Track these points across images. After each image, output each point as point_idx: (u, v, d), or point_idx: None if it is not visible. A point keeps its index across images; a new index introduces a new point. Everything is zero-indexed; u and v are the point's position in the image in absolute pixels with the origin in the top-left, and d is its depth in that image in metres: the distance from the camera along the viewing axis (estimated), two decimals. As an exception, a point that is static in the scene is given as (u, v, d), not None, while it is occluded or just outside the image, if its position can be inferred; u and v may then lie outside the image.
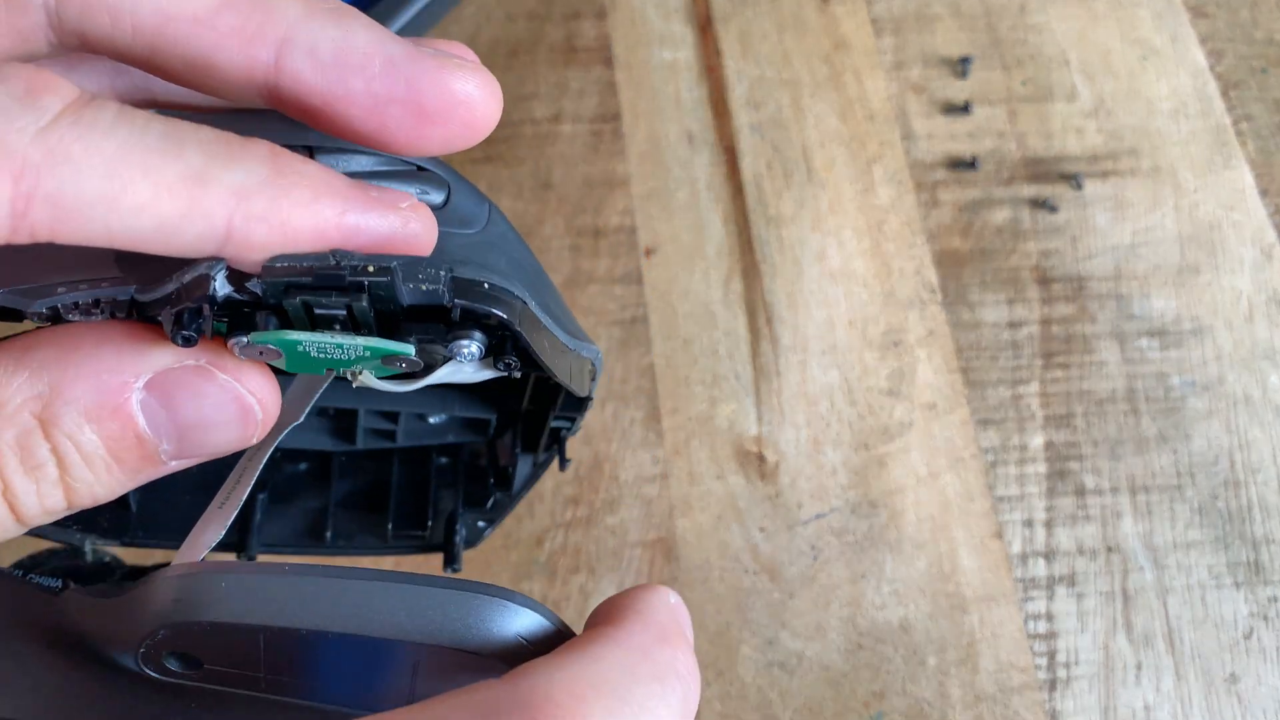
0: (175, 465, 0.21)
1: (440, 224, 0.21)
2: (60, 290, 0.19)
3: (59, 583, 0.23)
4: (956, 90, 0.50)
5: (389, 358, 0.20)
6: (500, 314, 0.20)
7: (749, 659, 0.39)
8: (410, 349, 0.20)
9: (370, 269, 0.19)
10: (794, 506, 0.41)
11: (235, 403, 0.21)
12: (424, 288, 0.19)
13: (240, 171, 0.18)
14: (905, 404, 0.43)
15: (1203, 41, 0.51)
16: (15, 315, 0.20)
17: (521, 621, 0.20)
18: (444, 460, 0.29)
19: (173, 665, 0.21)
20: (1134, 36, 0.51)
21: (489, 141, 0.47)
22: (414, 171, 0.22)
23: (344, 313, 0.20)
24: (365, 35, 0.20)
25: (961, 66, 0.50)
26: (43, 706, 0.22)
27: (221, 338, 0.20)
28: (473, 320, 0.20)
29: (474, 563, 0.39)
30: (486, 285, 0.20)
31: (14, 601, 0.22)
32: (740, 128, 0.48)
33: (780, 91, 0.49)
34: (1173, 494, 0.42)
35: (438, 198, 0.22)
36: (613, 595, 0.21)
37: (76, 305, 0.20)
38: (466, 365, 0.21)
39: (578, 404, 0.25)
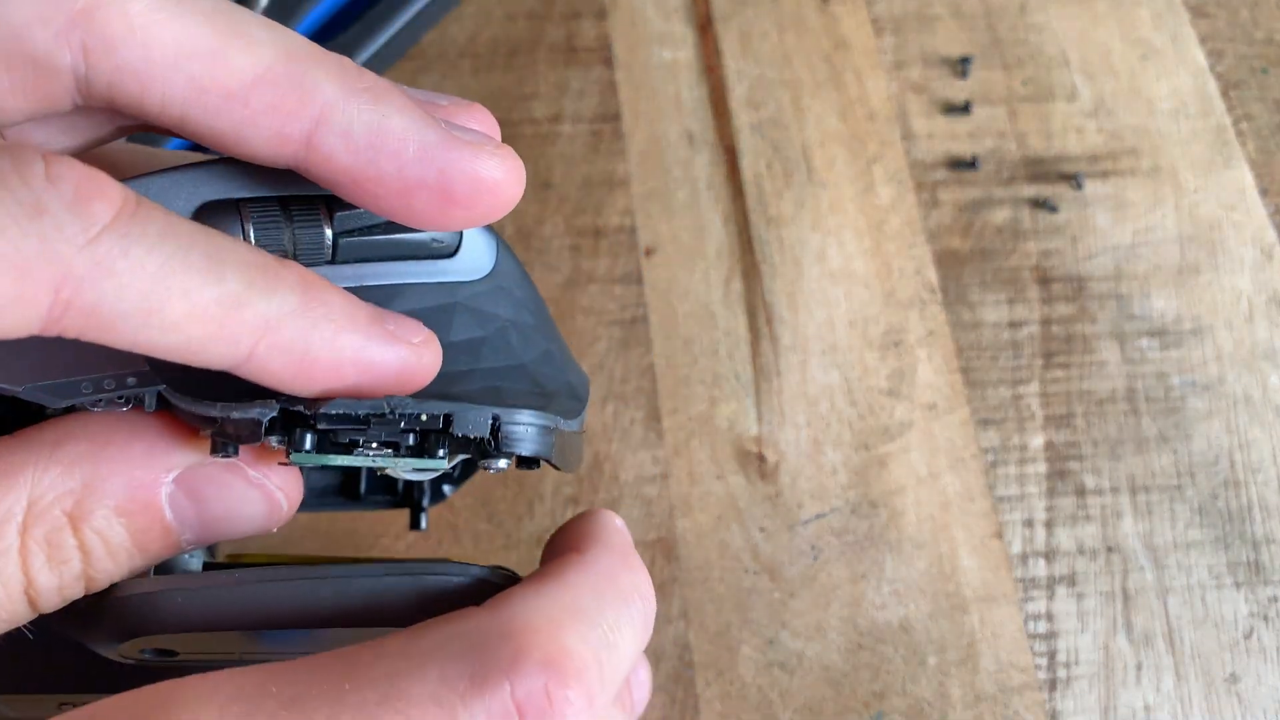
0: (191, 547, 0.21)
1: (453, 273, 0.22)
2: (86, 388, 0.20)
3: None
4: (957, 90, 0.50)
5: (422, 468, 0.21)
6: (541, 456, 0.21)
7: (749, 659, 0.39)
8: (444, 464, 0.21)
9: (423, 418, 0.20)
10: (794, 506, 0.41)
11: (264, 499, 0.21)
12: (472, 436, 0.20)
13: (274, 302, 0.18)
14: (905, 404, 0.43)
15: (1203, 41, 0.51)
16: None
17: (462, 588, 0.21)
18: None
19: (149, 656, 0.22)
20: (1134, 36, 0.51)
21: (489, 141, 0.47)
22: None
23: (388, 445, 0.21)
24: (400, 120, 0.20)
25: (962, 66, 0.50)
26: (14, 681, 0.22)
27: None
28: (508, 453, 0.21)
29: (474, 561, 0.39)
30: (526, 429, 0.21)
31: None
32: (740, 128, 0.48)
33: (780, 91, 0.49)
34: (1173, 494, 0.42)
35: (451, 241, 0.23)
36: (566, 523, 0.22)
37: (99, 401, 0.20)
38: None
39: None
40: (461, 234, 0.23)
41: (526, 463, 0.22)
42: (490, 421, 0.21)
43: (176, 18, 0.18)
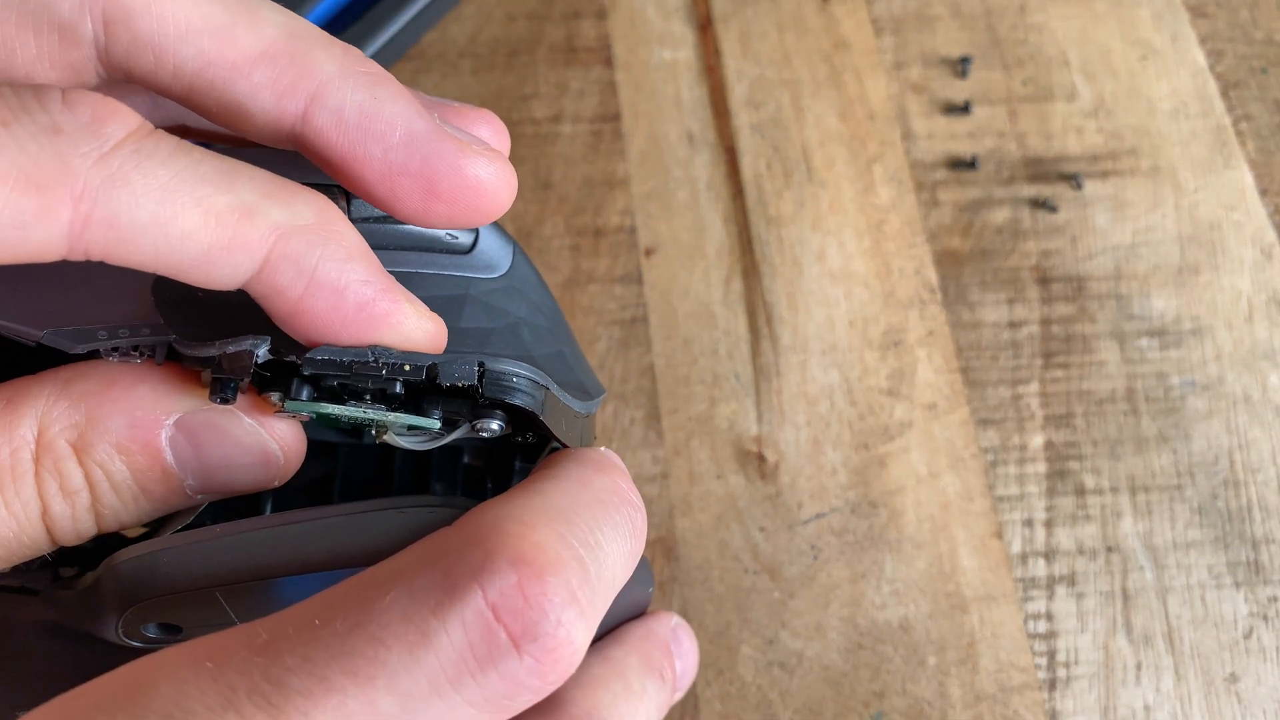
0: (201, 500, 0.22)
1: (467, 269, 0.23)
2: (102, 335, 0.21)
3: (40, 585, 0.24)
4: (956, 90, 0.50)
5: (417, 429, 0.22)
6: (528, 408, 0.21)
7: (749, 658, 0.39)
8: (436, 424, 0.21)
9: (406, 368, 0.20)
10: (794, 506, 0.41)
11: (259, 448, 0.21)
12: (459, 384, 0.21)
13: (288, 212, 0.19)
14: (905, 404, 0.43)
15: (1202, 41, 0.51)
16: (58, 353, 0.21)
17: (445, 518, 0.21)
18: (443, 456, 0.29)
19: (154, 633, 0.22)
20: (1134, 36, 0.51)
21: (489, 141, 0.47)
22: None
23: (376, 394, 0.21)
24: (391, 106, 0.20)
25: (961, 66, 0.50)
26: (43, 689, 0.22)
27: (254, 387, 0.21)
28: (499, 404, 0.21)
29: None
30: (514, 379, 0.21)
31: None
32: (740, 127, 0.48)
33: (780, 91, 0.49)
34: (1172, 494, 0.42)
35: (466, 240, 0.23)
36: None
37: (116, 350, 0.21)
38: (482, 432, 0.22)
39: None
40: (477, 233, 0.23)
41: (522, 428, 0.22)
42: (477, 369, 0.21)
43: (194, 3, 0.20)
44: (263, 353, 0.20)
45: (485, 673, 0.17)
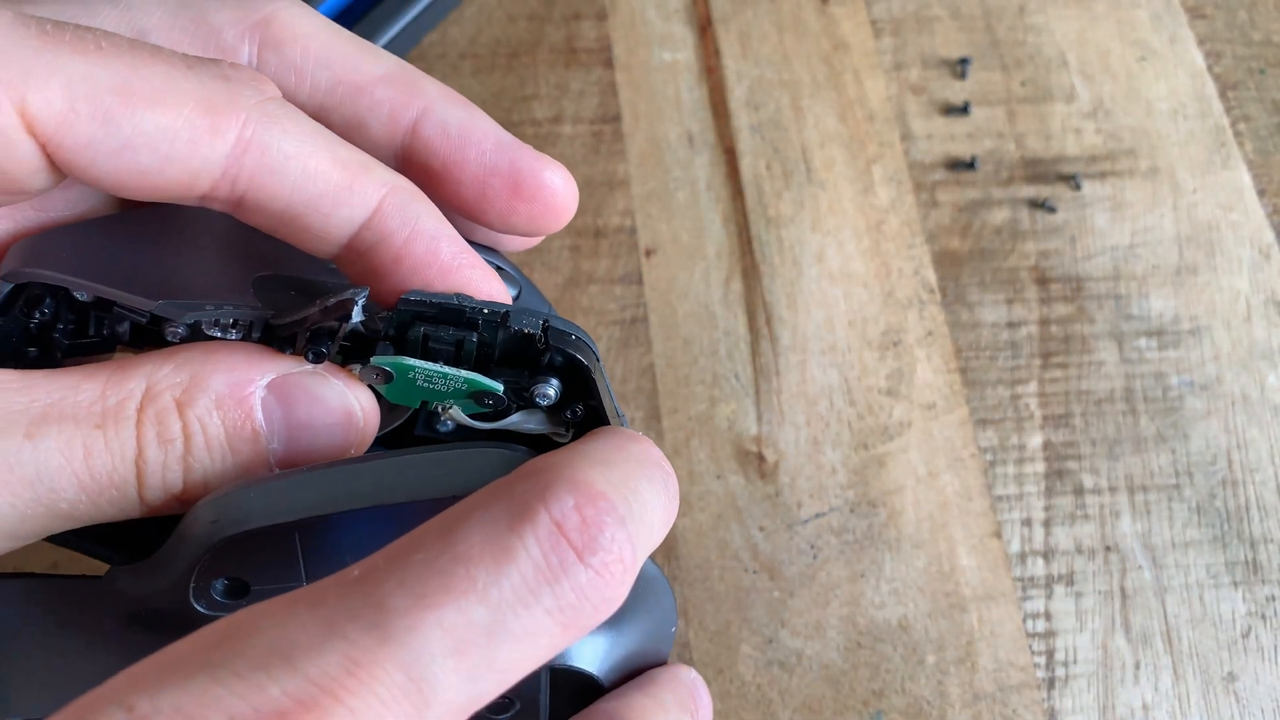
0: (278, 463, 0.24)
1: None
2: (208, 309, 0.24)
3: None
4: (955, 91, 0.50)
5: (479, 394, 0.24)
6: (584, 361, 0.24)
7: (749, 658, 0.39)
8: (500, 386, 0.24)
9: (485, 311, 0.24)
10: (793, 506, 0.41)
11: (343, 408, 0.24)
12: (526, 330, 0.24)
13: (393, 172, 0.24)
14: (904, 404, 0.43)
15: (1201, 42, 0.51)
16: (154, 335, 0.24)
17: (512, 457, 0.23)
18: None
19: (221, 597, 0.23)
20: (1133, 37, 0.51)
21: (490, 142, 0.47)
22: (495, 269, 0.26)
23: (452, 349, 0.24)
24: (484, 122, 0.26)
25: (960, 67, 0.50)
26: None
27: (336, 364, 0.24)
28: (554, 370, 0.25)
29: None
30: (573, 335, 0.24)
31: (56, 602, 0.25)
32: (740, 128, 0.48)
33: (780, 92, 0.49)
34: (1171, 493, 0.42)
35: (511, 291, 0.26)
36: None
37: (217, 322, 0.24)
38: (531, 421, 0.25)
39: None
40: (521, 286, 0.27)
41: (571, 398, 0.25)
42: (541, 321, 0.24)
43: (326, 33, 0.26)
44: (362, 301, 0.23)
45: (558, 582, 0.20)
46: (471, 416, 0.25)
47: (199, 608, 0.23)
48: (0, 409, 0.22)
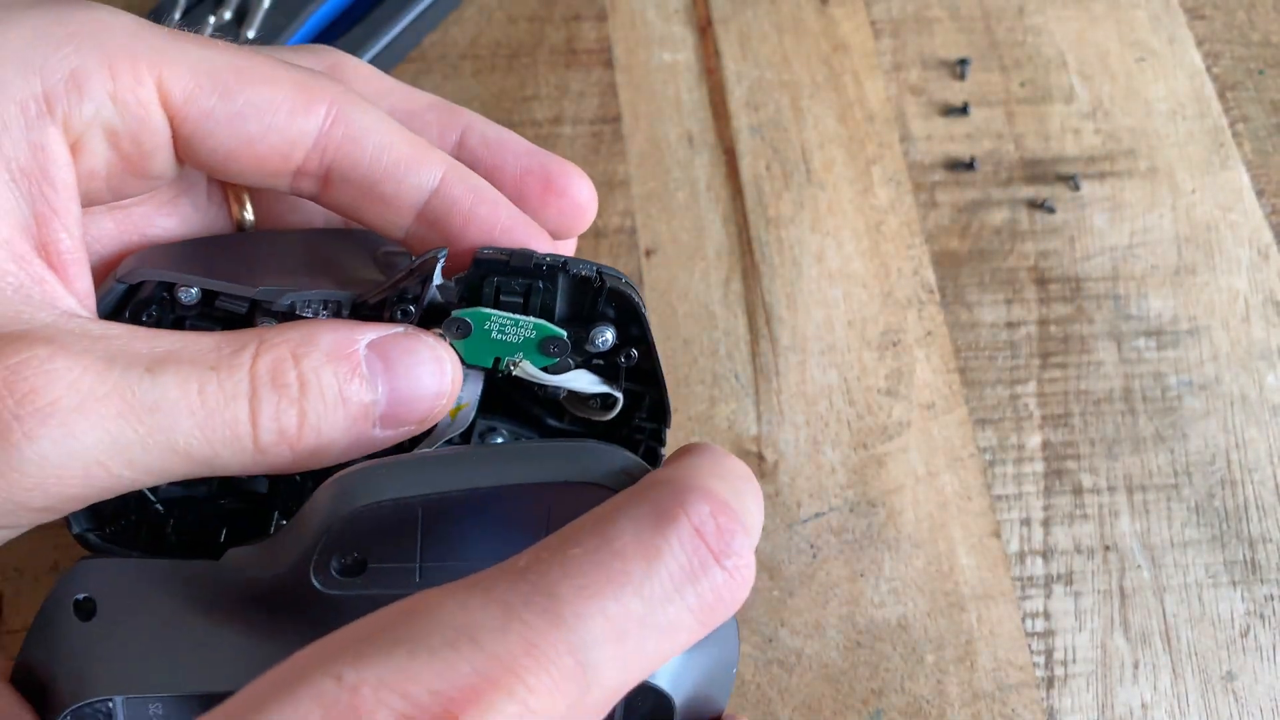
0: (379, 434, 0.26)
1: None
2: (303, 293, 0.27)
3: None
4: (955, 92, 0.50)
5: (545, 342, 0.28)
6: (635, 298, 0.28)
7: (748, 657, 0.39)
8: (564, 333, 0.28)
9: (549, 258, 0.27)
10: (793, 505, 0.41)
11: (434, 359, 0.27)
12: (583, 274, 0.28)
13: (448, 155, 0.29)
14: (904, 404, 0.43)
15: (1200, 43, 0.51)
16: (246, 319, 0.28)
17: (621, 457, 0.25)
18: None
19: (338, 574, 0.25)
20: (1132, 38, 0.51)
21: (490, 143, 0.47)
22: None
23: (522, 298, 0.28)
24: (518, 137, 0.31)
25: (960, 68, 0.50)
26: (237, 668, 0.25)
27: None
28: (607, 319, 0.28)
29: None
30: (624, 279, 0.28)
31: (175, 582, 0.26)
32: (740, 129, 0.49)
33: (779, 93, 0.49)
34: (1170, 493, 0.42)
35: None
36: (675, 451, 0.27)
37: (310, 303, 0.27)
38: (586, 380, 0.29)
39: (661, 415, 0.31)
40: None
41: (626, 343, 0.28)
42: (596, 267, 0.28)
43: (380, 75, 0.31)
44: (443, 260, 0.27)
45: (700, 581, 0.22)
46: (543, 369, 0.28)
47: (317, 584, 0.25)
48: (125, 349, 0.24)
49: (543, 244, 0.28)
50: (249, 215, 0.31)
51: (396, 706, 0.18)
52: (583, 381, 0.29)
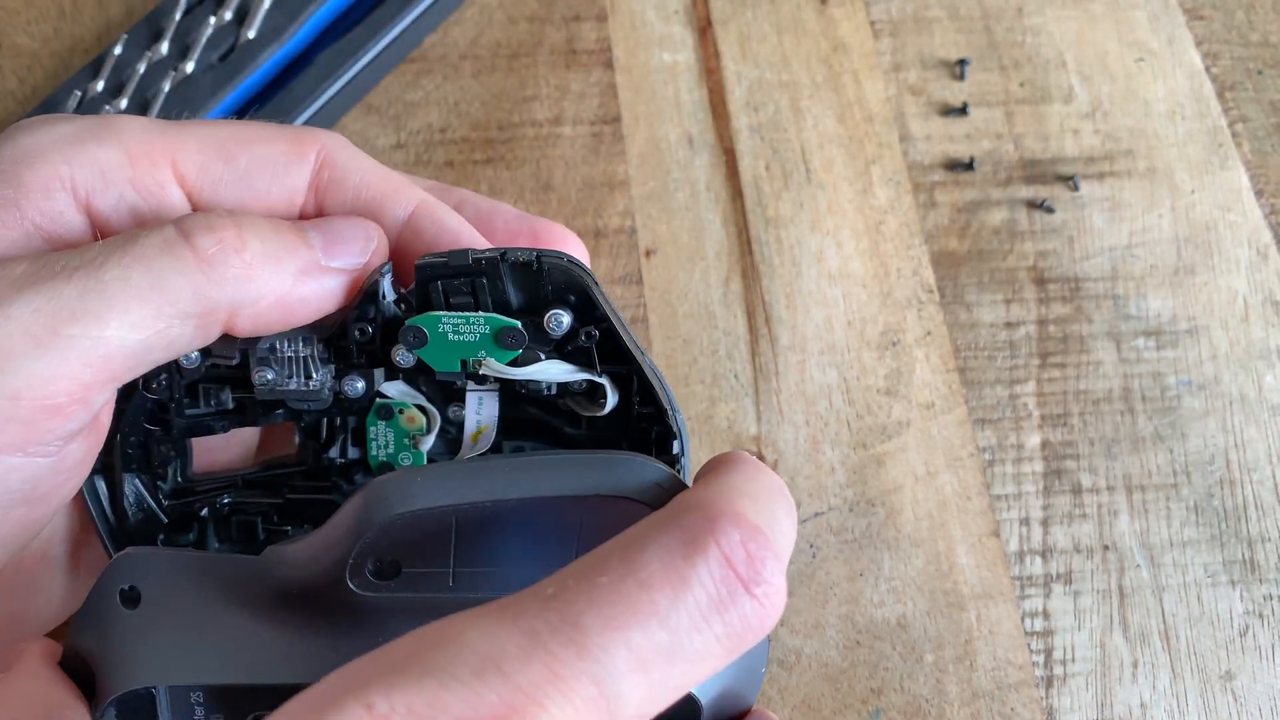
0: (322, 260, 0.28)
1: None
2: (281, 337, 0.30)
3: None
4: (954, 92, 0.50)
5: (500, 334, 0.28)
6: (576, 270, 0.28)
7: (748, 656, 0.39)
8: (518, 323, 0.28)
9: (487, 252, 0.28)
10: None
11: (360, 220, 0.30)
12: (521, 259, 0.28)
13: (423, 193, 0.31)
14: (903, 403, 0.43)
15: (1199, 43, 0.51)
16: (239, 368, 0.30)
17: (656, 470, 0.25)
18: None
19: (374, 577, 0.25)
20: (1131, 39, 0.51)
21: (490, 144, 0.47)
22: None
23: (470, 296, 0.28)
24: (506, 205, 0.34)
25: (959, 69, 0.50)
26: (276, 661, 0.26)
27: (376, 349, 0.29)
28: (563, 303, 0.28)
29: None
30: (565, 258, 0.28)
31: (214, 577, 0.27)
32: (739, 129, 0.49)
33: (779, 93, 0.50)
34: (1169, 493, 0.42)
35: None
36: (709, 460, 0.27)
37: (288, 341, 0.29)
38: (556, 370, 0.29)
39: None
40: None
41: (584, 321, 0.28)
42: (536, 252, 0.28)
43: (380, 169, 0.32)
44: (388, 275, 0.28)
45: (728, 610, 0.22)
46: (504, 364, 0.28)
47: (352, 585, 0.25)
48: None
49: (484, 243, 0.31)
50: None
51: None
52: (556, 371, 0.29)
